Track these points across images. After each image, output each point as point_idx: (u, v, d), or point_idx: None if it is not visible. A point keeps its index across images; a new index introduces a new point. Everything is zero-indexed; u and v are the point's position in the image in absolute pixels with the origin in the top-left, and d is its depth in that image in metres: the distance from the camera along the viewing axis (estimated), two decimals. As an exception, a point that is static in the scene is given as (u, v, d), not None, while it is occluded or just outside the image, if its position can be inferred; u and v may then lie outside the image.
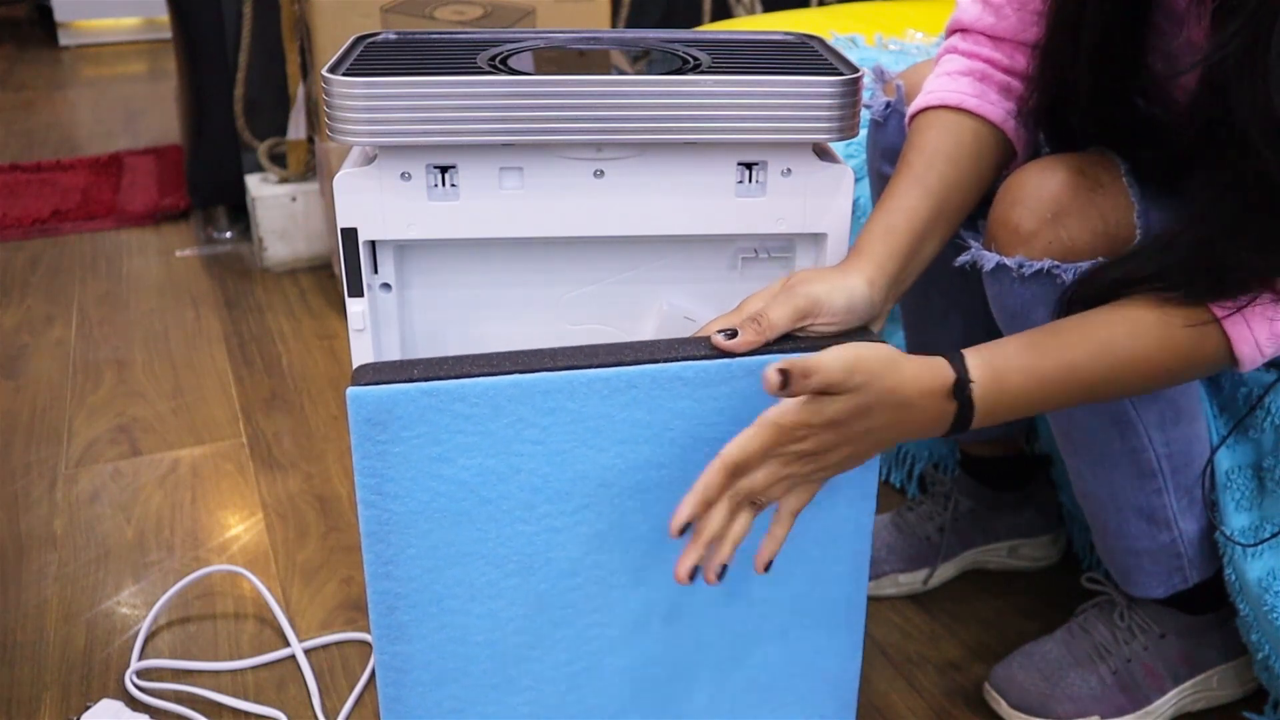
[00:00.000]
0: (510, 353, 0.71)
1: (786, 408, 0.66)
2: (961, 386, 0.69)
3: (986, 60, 0.84)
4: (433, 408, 0.68)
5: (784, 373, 0.64)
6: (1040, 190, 0.79)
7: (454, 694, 0.77)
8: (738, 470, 0.67)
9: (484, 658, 0.76)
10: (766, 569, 0.71)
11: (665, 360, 0.71)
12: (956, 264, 0.83)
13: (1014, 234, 0.79)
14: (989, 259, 0.81)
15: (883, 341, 0.71)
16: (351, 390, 0.68)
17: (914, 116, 0.85)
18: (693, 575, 0.68)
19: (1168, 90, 0.77)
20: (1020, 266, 0.79)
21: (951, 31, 0.88)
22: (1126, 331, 0.72)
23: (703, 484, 0.67)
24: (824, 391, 0.65)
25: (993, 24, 0.84)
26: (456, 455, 0.70)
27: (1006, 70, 0.84)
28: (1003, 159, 0.85)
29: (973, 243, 0.83)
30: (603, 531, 0.74)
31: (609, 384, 0.70)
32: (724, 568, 0.69)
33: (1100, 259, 0.78)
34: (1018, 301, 0.81)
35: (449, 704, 0.78)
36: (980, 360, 0.70)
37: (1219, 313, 0.71)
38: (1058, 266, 0.78)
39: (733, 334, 0.71)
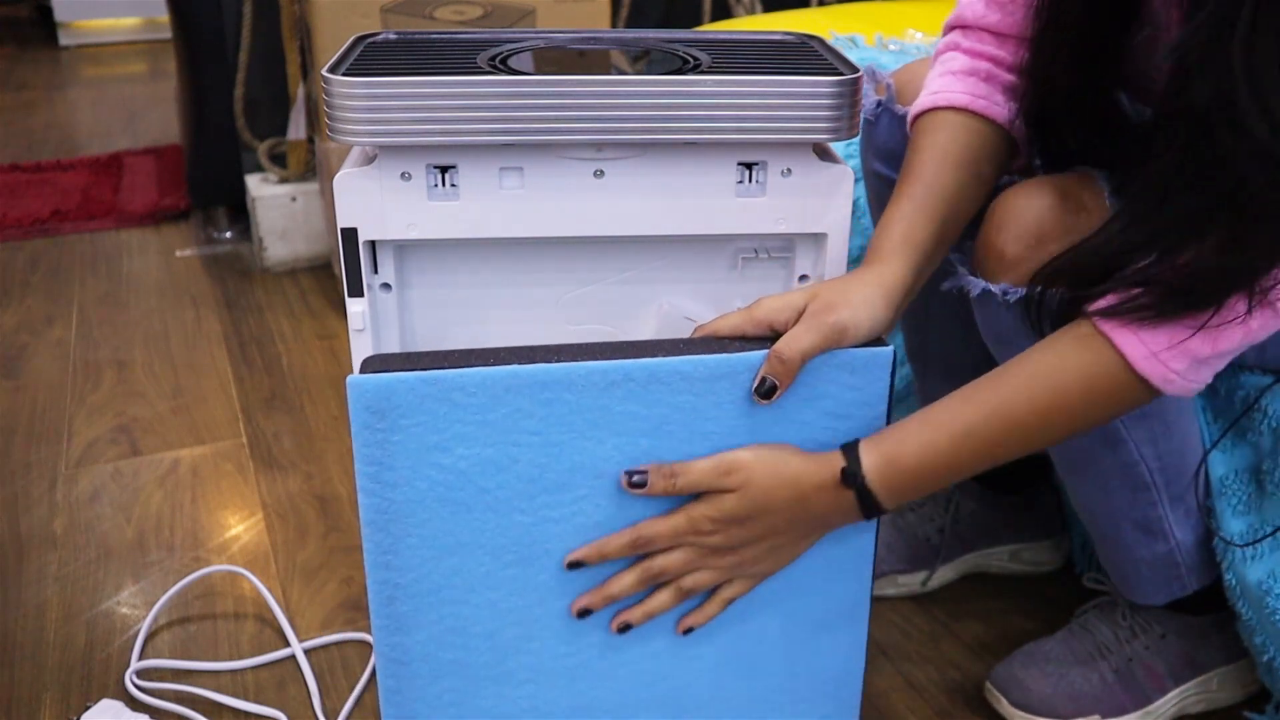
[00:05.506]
0: (512, 347, 0.71)
1: (696, 500, 0.72)
2: (852, 475, 0.71)
3: (991, 59, 0.84)
4: (431, 396, 0.69)
5: (640, 472, 0.71)
6: (1025, 216, 0.78)
7: (453, 686, 0.77)
8: (642, 542, 0.73)
9: (483, 649, 0.76)
10: (686, 633, 0.77)
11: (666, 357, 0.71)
12: (944, 288, 0.83)
13: (999, 260, 0.79)
14: (975, 285, 0.81)
15: (888, 345, 0.73)
16: (351, 378, 0.68)
17: (917, 117, 0.84)
18: (583, 615, 0.75)
19: (1147, 86, 0.77)
20: (1005, 294, 0.79)
21: (951, 28, 0.87)
22: (1022, 385, 0.71)
23: (606, 539, 0.73)
24: (710, 490, 0.71)
25: (998, 20, 0.83)
26: (454, 444, 0.70)
27: (1011, 69, 0.83)
28: (1007, 161, 0.85)
29: (960, 268, 0.83)
30: (600, 523, 0.74)
31: (607, 376, 0.70)
32: (627, 625, 0.75)
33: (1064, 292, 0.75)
34: (1004, 327, 0.81)
35: (449, 697, 0.78)
36: (872, 444, 0.72)
37: (1104, 326, 0.70)
38: None
39: (766, 385, 0.71)
